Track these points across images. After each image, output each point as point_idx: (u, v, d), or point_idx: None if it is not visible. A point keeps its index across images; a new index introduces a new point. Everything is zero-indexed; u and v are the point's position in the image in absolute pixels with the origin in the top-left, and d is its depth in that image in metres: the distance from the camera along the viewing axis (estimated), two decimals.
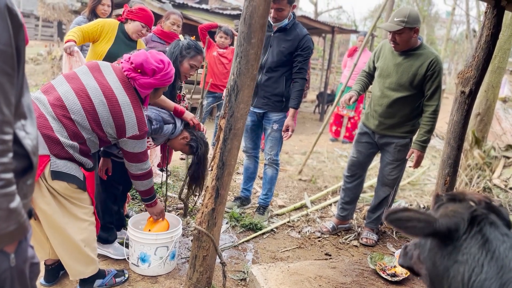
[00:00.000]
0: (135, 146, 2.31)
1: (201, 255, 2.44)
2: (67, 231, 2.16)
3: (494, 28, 2.82)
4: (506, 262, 1.06)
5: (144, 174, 2.46)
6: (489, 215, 1.16)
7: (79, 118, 2.10)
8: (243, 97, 2.27)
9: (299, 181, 5.13)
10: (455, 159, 3.06)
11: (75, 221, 2.21)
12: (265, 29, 2.20)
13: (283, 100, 3.56)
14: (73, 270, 2.31)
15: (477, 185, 4.18)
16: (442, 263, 1.16)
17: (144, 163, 2.41)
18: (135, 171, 2.43)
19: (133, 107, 2.22)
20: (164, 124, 2.75)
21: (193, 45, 2.90)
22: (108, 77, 2.22)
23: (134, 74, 2.25)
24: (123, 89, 2.22)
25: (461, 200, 1.22)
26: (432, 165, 6.25)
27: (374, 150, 3.51)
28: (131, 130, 2.23)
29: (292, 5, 3.39)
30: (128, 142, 2.28)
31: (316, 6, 18.90)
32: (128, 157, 2.36)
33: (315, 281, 2.57)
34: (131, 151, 2.32)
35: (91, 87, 2.15)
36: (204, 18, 8.11)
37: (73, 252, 2.24)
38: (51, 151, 2.04)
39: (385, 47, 3.30)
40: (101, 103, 2.14)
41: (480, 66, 2.88)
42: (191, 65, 2.91)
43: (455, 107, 3.02)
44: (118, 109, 2.17)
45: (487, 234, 1.11)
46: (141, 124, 2.26)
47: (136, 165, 2.40)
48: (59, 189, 2.09)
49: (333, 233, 3.71)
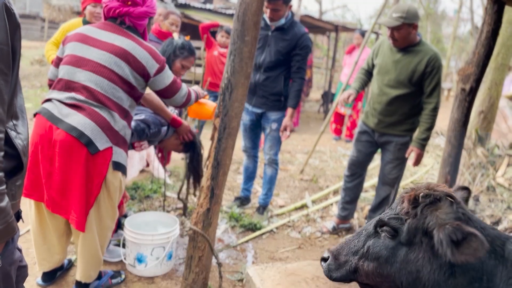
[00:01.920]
0: (163, 79, 2.29)
1: (197, 255, 2.42)
2: (94, 233, 2.23)
3: (494, 24, 2.77)
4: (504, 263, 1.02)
5: (188, 98, 2.48)
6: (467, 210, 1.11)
7: (114, 91, 2.12)
8: (237, 95, 2.24)
9: (300, 180, 5.09)
10: (455, 158, 3.02)
11: (102, 226, 2.27)
12: (259, 26, 2.17)
13: (281, 100, 3.53)
14: (86, 272, 2.34)
15: (480, 184, 4.12)
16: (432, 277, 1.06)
17: (181, 89, 2.41)
18: (180, 101, 2.43)
19: (140, 46, 2.19)
20: (161, 126, 2.76)
21: (187, 45, 2.90)
22: (101, 37, 2.17)
23: (126, 8, 2.18)
24: (120, 36, 2.17)
25: (440, 199, 1.14)
26: (436, 164, 6.19)
27: (374, 149, 3.47)
28: (152, 68, 2.21)
29: (288, 6, 3.35)
30: (156, 80, 2.26)
31: (321, 5, 18.81)
32: (166, 93, 2.35)
33: (312, 282, 2.53)
34: (164, 86, 2.31)
35: (98, 57, 2.12)
36: (207, 18, 8.11)
37: (92, 255, 2.30)
38: (112, 141, 2.11)
39: (384, 44, 3.26)
40: (116, 64, 2.12)
41: (480, 63, 2.83)
42: (182, 65, 2.93)
43: (456, 105, 2.97)
44: (130, 57, 2.15)
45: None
46: (155, 57, 2.23)
47: (176, 96, 2.39)
48: (114, 183, 2.17)
49: (334, 233, 3.68)
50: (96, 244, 2.27)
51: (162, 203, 3.77)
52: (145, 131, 2.68)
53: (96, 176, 2.09)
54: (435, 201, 1.14)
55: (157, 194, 4.03)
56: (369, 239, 1.24)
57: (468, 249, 0.98)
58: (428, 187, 1.18)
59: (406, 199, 1.18)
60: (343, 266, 1.27)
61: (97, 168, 2.08)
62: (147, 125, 2.68)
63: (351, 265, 1.24)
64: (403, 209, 1.17)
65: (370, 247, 1.21)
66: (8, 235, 1.08)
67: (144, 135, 2.69)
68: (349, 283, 1.31)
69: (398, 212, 1.18)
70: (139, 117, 2.68)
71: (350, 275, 1.26)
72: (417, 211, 1.14)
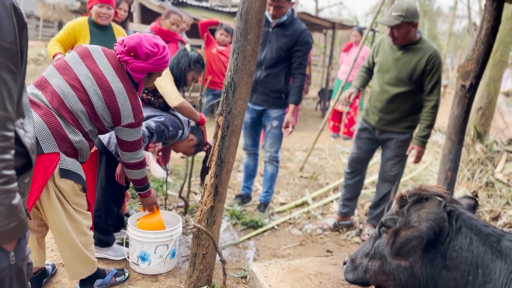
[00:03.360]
0: (130, 134, 2.23)
1: (201, 253, 2.43)
2: (70, 232, 2.16)
3: (494, 21, 2.79)
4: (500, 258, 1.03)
5: (137, 163, 2.36)
6: (458, 208, 1.12)
7: (78, 110, 2.05)
8: (241, 93, 2.25)
9: (300, 178, 5.11)
10: (456, 154, 3.04)
11: (76, 224, 2.21)
12: (261, 24, 2.18)
13: (282, 97, 3.54)
14: (73, 270, 2.30)
15: (479, 180, 4.15)
16: (424, 272, 1.10)
17: (138, 152, 2.32)
18: (128, 159, 2.33)
19: (127, 94, 2.14)
20: (179, 129, 2.83)
21: (201, 60, 2.99)
22: (100, 64, 2.13)
23: (127, 58, 2.15)
24: (116, 76, 2.13)
25: (427, 198, 1.16)
26: (434, 161, 6.22)
27: (375, 146, 3.48)
28: (126, 119, 2.16)
29: (290, 2, 3.37)
30: (123, 130, 2.20)
31: (317, 2, 18.81)
32: (123, 145, 2.27)
33: (315, 278, 2.55)
34: (126, 139, 2.24)
35: (84, 76, 2.07)
36: (204, 15, 8.09)
37: (75, 253, 2.24)
38: (60, 148, 2.01)
39: (384, 42, 3.28)
40: (95, 93, 2.07)
41: (480, 60, 2.86)
42: (193, 78, 3.01)
43: (456, 101, 3.00)
44: (112, 98, 2.10)
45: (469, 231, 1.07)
46: (136, 111, 2.18)
47: (130, 154, 2.30)
48: (65, 189, 2.07)
49: (335, 230, 3.70)
50: (73, 239, 2.18)
51: (163, 201, 3.78)
52: (165, 132, 2.75)
53: (37, 179, 1.97)
54: (421, 200, 1.17)
55: (158, 193, 4.03)
56: (376, 241, 1.28)
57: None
58: (420, 188, 1.22)
59: (396, 200, 1.23)
60: (357, 268, 1.32)
61: (39, 171, 1.97)
62: (166, 127, 2.76)
63: (362, 266, 1.29)
64: (395, 209, 1.21)
65: (376, 247, 1.26)
66: (21, 232, 1.10)
67: (163, 136, 2.76)
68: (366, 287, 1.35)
69: (393, 212, 1.22)
70: (159, 119, 2.75)
71: (362, 276, 1.30)
72: (403, 210, 1.18)
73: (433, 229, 1.08)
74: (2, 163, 1.00)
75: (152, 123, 2.70)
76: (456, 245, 1.05)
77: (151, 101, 2.94)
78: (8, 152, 1.02)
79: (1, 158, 1.00)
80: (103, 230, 2.81)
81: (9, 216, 1.04)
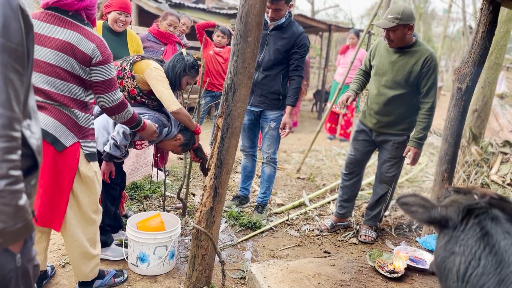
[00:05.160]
0: (101, 72, 2.14)
1: (200, 254, 2.44)
2: (78, 231, 2.22)
3: (490, 24, 2.83)
4: (505, 257, 1.04)
5: (117, 105, 2.26)
6: (491, 209, 1.14)
7: (68, 88, 2.07)
8: (240, 95, 2.27)
9: (297, 179, 5.13)
10: (452, 156, 3.08)
11: (85, 222, 2.26)
12: (261, 27, 2.20)
13: (280, 98, 3.56)
14: (79, 271, 2.35)
15: (475, 181, 4.19)
16: (440, 253, 1.17)
17: (114, 92, 2.22)
18: (107, 103, 2.22)
19: (86, 37, 2.07)
20: (163, 127, 2.80)
21: (196, 65, 2.98)
22: (46, 31, 2.05)
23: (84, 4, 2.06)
24: (65, 29, 2.05)
25: (466, 193, 1.22)
26: (430, 162, 6.27)
27: (372, 148, 3.51)
28: (95, 58, 2.10)
29: (289, 4, 3.40)
30: (94, 69, 2.12)
31: (313, 5, 18.92)
32: (98, 88, 2.17)
33: (314, 279, 2.57)
34: (98, 79, 2.15)
35: (47, 56, 2.04)
36: (201, 17, 8.10)
37: (81, 253, 2.29)
38: (78, 136, 2.11)
39: (380, 45, 3.31)
40: (63, 61, 2.04)
41: (476, 62, 2.90)
42: (188, 82, 3.00)
43: (452, 104, 3.03)
44: (77, 51, 2.05)
45: (487, 227, 1.09)
46: (102, 48, 2.11)
47: (106, 96, 2.19)
48: (88, 175, 2.18)
49: (332, 231, 3.72)
50: (82, 241, 2.25)
51: (161, 202, 3.78)
52: None
53: (66, 173, 2.09)
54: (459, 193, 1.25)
55: (156, 194, 4.04)
56: None
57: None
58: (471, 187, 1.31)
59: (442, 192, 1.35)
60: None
61: (66, 165, 2.09)
62: None
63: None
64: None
65: None
66: (27, 233, 1.10)
67: None
68: None
69: None
70: (143, 117, 2.71)
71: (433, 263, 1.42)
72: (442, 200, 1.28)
73: (441, 213, 1.16)
74: (9, 164, 1.00)
75: None
76: (468, 235, 1.11)
77: (145, 103, 2.93)
78: (15, 153, 1.02)
79: (8, 158, 1.00)
80: (101, 229, 2.82)
81: (15, 216, 1.04)
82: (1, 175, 0.99)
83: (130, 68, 2.81)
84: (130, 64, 2.82)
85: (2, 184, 0.99)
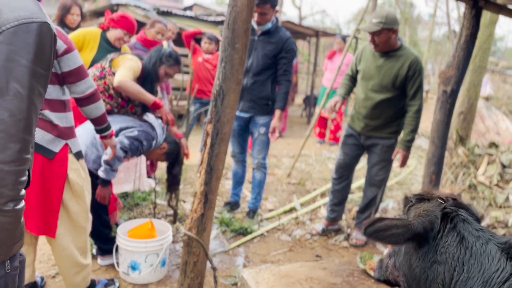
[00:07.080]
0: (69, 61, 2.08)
1: (192, 261, 2.43)
2: (67, 240, 2.21)
3: (473, 28, 2.89)
4: (484, 258, 1.07)
5: (92, 93, 2.17)
6: (459, 211, 1.17)
7: None
8: (229, 101, 2.28)
9: (288, 184, 5.15)
10: (439, 158, 3.12)
11: (76, 230, 2.24)
12: (248, 33, 2.22)
13: (269, 103, 3.59)
14: (70, 281, 2.33)
15: (462, 183, 4.25)
16: (419, 265, 1.15)
17: (87, 80, 2.16)
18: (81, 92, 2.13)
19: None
20: (152, 141, 2.81)
21: (174, 55, 2.94)
22: None
23: None
24: None
25: (430, 199, 1.23)
26: (418, 165, 6.33)
27: (361, 152, 3.55)
28: (59, 48, 2.04)
29: (274, 9, 3.43)
30: (62, 59, 2.07)
31: (300, 10, 19.06)
32: (71, 77, 2.10)
33: (306, 283, 2.58)
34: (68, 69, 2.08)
35: None
36: (189, 25, 8.12)
37: (71, 262, 2.27)
38: (64, 137, 2.09)
39: (366, 50, 3.35)
40: None
41: (460, 66, 2.95)
42: (166, 72, 2.94)
43: (438, 106, 3.08)
44: None
45: (462, 231, 1.12)
46: (62, 38, 2.06)
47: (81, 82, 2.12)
48: (77, 181, 2.15)
49: (323, 235, 3.74)
50: (72, 250, 2.23)
51: (152, 210, 3.77)
52: (139, 148, 2.72)
53: (55, 180, 2.08)
54: (423, 200, 1.23)
55: (146, 202, 4.02)
56: None
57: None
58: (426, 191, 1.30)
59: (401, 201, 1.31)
60: (382, 267, 1.42)
61: (54, 173, 2.07)
62: (140, 142, 2.71)
63: (384, 265, 1.40)
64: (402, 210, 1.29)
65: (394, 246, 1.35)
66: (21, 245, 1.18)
67: (138, 152, 2.75)
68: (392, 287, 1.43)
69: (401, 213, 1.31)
70: (132, 133, 2.68)
71: (384, 273, 1.40)
72: (405, 209, 1.26)
73: (422, 224, 1.12)
74: (21, 185, 1.07)
75: (125, 141, 2.62)
76: (447, 242, 1.10)
77: (126, 108, 2.89)
78: (25, 174, 1.09)
79: (21, 180, 1.07)
80: (104, 238, 2.81)
81: (17, 233, 1.12)
82: (12, 197, 1.06)
83: (109, 65, 2.80)
84: (109, 62, 2.82)
85: (11, 206, 1.06)
